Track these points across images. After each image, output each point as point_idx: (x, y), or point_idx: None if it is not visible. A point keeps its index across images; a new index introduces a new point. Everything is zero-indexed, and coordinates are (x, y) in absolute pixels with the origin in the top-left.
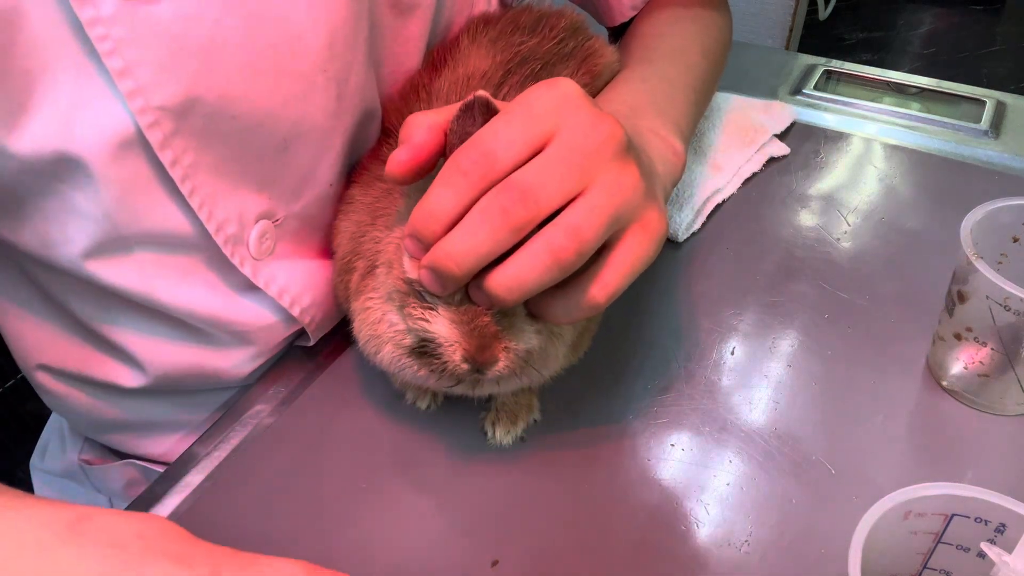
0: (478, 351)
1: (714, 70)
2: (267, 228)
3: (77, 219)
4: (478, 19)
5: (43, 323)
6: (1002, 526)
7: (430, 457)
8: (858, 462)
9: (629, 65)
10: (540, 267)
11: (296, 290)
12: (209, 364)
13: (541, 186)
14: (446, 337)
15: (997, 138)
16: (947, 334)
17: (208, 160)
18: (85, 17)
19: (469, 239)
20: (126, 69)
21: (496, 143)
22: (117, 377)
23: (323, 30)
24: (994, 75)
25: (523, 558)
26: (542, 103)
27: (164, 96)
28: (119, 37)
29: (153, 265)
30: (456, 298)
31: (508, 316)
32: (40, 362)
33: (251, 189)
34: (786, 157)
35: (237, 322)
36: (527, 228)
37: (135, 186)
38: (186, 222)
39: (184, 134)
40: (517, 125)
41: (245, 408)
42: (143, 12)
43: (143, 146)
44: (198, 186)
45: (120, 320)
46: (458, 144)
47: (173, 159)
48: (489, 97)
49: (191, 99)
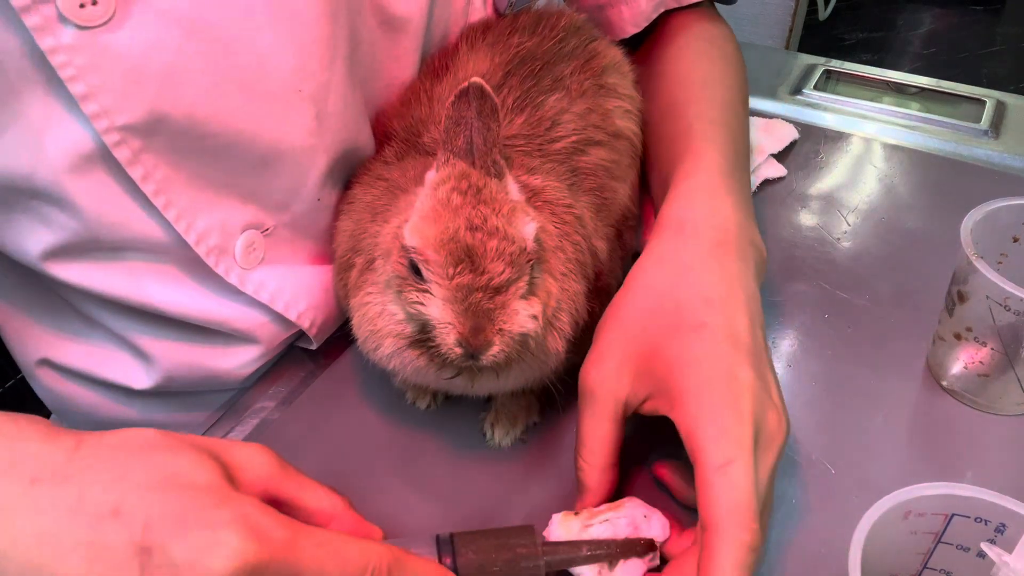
0: (472, 333)
1: (747, 115)
2: (255, 238)
3: (47, 228)
4: (476, 25)
5: (49, 319)
6: (1002, 526)
7: (430, 457)
8: (858, 462)
9: (695, 129)
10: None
11: (290, 295)
12: (215, 363)
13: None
14: (440, 319)
15: (997, 138)
16: (947, 334)
17: (183, 175)
18: (46, 46)
19: None
20: (88, 93)
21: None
22: (124, 376)
23: (291, 51)
24: (994, 75)
25: None
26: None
27: (128, 116)
28: (80, 64)
29: (143, 270)
30: (450, 273)
31: (502, 294)
32: (43, 356)
33: (235, 200)
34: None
35: (233, 322)
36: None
37: (110, 201)
38: (169, 232)
39: (153, 151)
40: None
41: (246, 407)
42: (103, 40)
43: (114, 164)
44: (174, 199)
45: (125, 319)
46: (453, 128)
47: (144, 174)
48: (483, 83)
49: (156, 118)
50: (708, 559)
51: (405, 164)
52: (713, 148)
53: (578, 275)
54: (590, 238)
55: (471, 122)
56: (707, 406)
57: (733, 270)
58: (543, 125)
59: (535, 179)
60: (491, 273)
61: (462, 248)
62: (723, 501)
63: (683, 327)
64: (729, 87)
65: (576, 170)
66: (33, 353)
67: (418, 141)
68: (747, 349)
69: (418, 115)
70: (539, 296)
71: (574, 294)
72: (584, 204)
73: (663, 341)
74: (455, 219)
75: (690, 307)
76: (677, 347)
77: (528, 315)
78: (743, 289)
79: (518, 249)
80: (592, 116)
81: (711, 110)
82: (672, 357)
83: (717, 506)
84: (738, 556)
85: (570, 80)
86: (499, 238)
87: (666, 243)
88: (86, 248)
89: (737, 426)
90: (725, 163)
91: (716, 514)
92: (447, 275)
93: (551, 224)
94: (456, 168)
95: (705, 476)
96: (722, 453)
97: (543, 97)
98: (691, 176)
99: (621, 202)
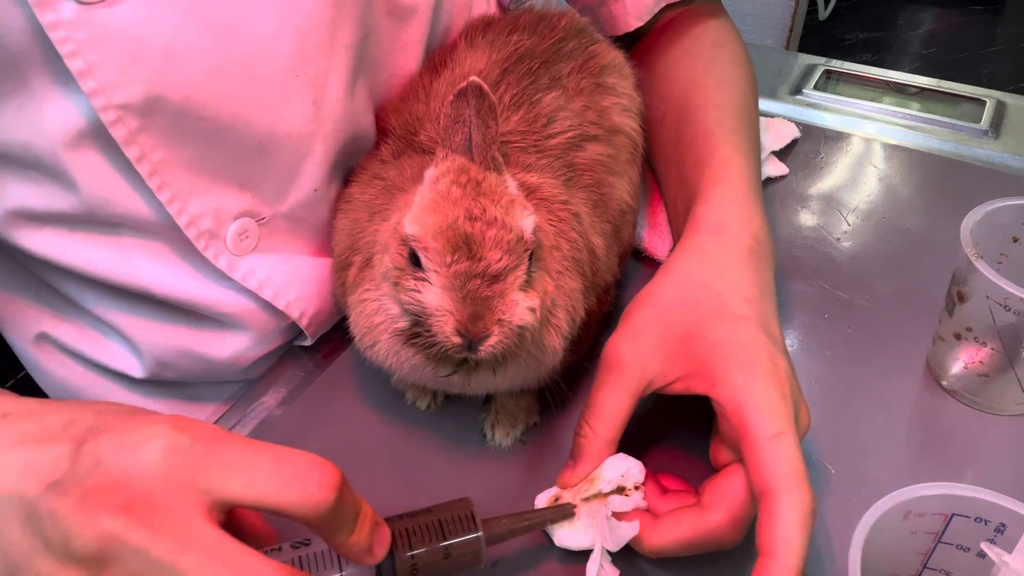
0: (470, 320)
1: (757, 107)
2: (248, 226)
3: (44, 198)
4: (476, 22)
5: (39, 303)
6: (1002, 526)
7: (430, 457)
8: (858, 462)
9: (716, 136)
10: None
11: (279, 284)
12: (206, 350)
13: None
14: (438, 307)
15: (997, 138)
16: (947, 334)
17: (181, 158)
18: (46, 21)
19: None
20: (87, 70)
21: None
22: (115, 360)
23: (291, 36)
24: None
25: (523, 558)
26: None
27: (126, 95)
28: (80, 39)
29: (135, 247)
30: (448, 260)
31: (500, 282)
32: (41, 330)
33: (231, 187)
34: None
35: (220, 306)
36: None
37: (104, 177)
38: (159, 213)
39: (150, 132)
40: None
41: (247, 406)
42: (102, 15)
43: (110, 142)
44: (168, 181)
45: (110, 299)
46: (452, 126)
47: (139, 155)
48: (481, 82)
49: (153, 98)
50: (771, 522)
51: (402, 163)
52: (739, 156)
53: (575, 272)
54: (587, 235)
55: (470, 120)
56: (756, 384)
57: (767, 276)
58: (539, 122)
59: (531, 176)
60: (488, 260)
61: (460, 236)
62: (781, 466)
63: (726, 316)
64: (743, 91)
65: (572, 165)
66: (31, 329)
67: (414, 139)
68: (781, 346)
69: (415, 112)
70: (536, 290)
71: (571, 291)
72: (581, 200)
73: (704, 327)
74: (454, 209)
75: (732, 301)
76: (722, 333)
77: (526, 307)
78: (772, 295)
79: (515, 237)
80: (589, 113)
81: (729, 116)
82: (715, 341)
83: (775, 471)
84: (801, 516)
85: (568, 79)
86: (497, 227)
87: (706, 242)
88: (78, 221)
89: (783, 405)
90: (751, 171)
91: (774, 479)
92: (445, 262)
93: (547, 222)
94: (455, 163)
95: (759, 446)
96: (774, 425)
97: (540, 95)
98: (722, 183)
99: (619, 198)
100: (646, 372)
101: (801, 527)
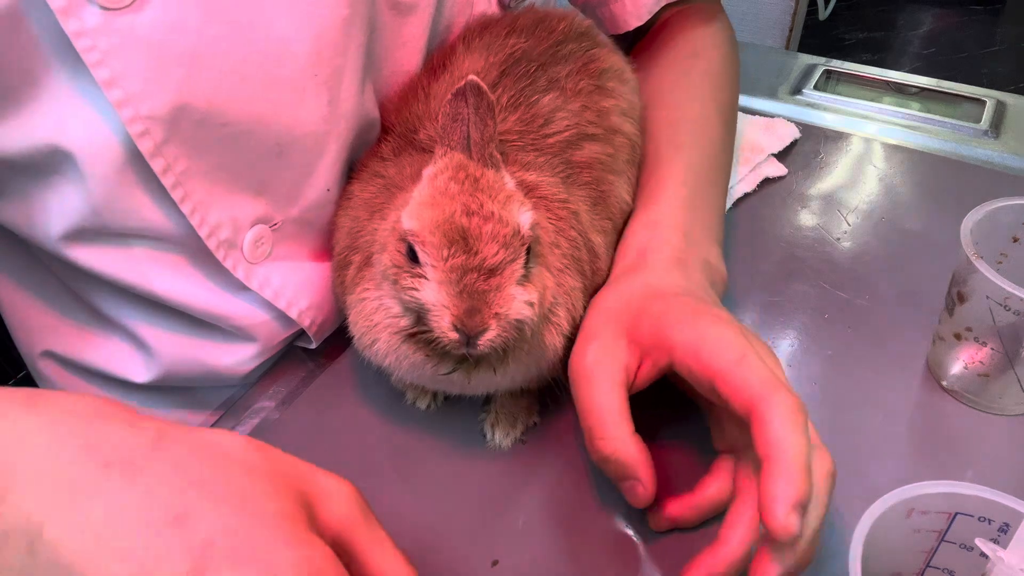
0: (467, 314)
1: (731, 126)
2: (263, 233)
3: (62, 205)
4: (476, 23)
5: (52, 307)
6: (1005, 525)
7: (430, 457)
8: (858, 462)
9: (663, 154)
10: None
11: (292, 292)
12: (213, 359)
13: None
14: (435, 302)
15: (997, 138)
16: (947, 334)
17: (201, 167)
18: (71, 29)
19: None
20: (113, 79)
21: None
22: (124, 368)
23: (308, 36)
24: (994, 75)
25: (523, 558)
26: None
27: (153, 105)
28: (105, 48)
29: (148, 259)
30: (444, 255)
31: (497, 276)
32: (46, 348)
33: (247, 194)
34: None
35: (234, 318)
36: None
37: (125, 188)
38: (179, 224)
39: (175, 142)
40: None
41: (246, 407)
42: (126, 22)
43: (134, 152)
44: (190, 192)
45: (128, 308)
46: (450, 124)
47: (165, 167)
48: (479, 81)
49: (180, 107)
50: (761, 430)
51: (402, 161)
52: (675, 178)
53: (574, 271)
54: (586, 233)
55: (468, 118)
56: (703, 328)
57: (696, 277)
58: (536, 122)
59: (529, 175)
60: (485, 254)
61: (457, 230)
62: (753, 381)
63: (664, 295)
64: (705, 104)
65: (571, 163)
66: (37, 344)
67: (414, 137)
68: (726, 311)
69: (415, 111)
70: (534, 285)
71: (570, 289)
72: (580, 198)
73: (647, 308)
74: (451, 204)
75: (668, 290)
76: (662, 304)
77: (524, 301)
78: (706, 290)
79: (512, 231)
80: (587, 113)
81: (679, 134)
82: (659, 312)
83: (750, 387)
84: (789, 413)
85: (566, 81)
86: (494, 222)
87: (631, 266)
88: (96, 232)
89: (737, 335)
90: (686, 191)
91: (751, 394)
92: (441, 256)
93: (546, 220)
94: (453, 159)
95: (727, 372)
96: (733, 352)
97: (537, 96)
98: (653, 207)
99: (619, 196)
100: (621, 361)
101: (792, 423)
